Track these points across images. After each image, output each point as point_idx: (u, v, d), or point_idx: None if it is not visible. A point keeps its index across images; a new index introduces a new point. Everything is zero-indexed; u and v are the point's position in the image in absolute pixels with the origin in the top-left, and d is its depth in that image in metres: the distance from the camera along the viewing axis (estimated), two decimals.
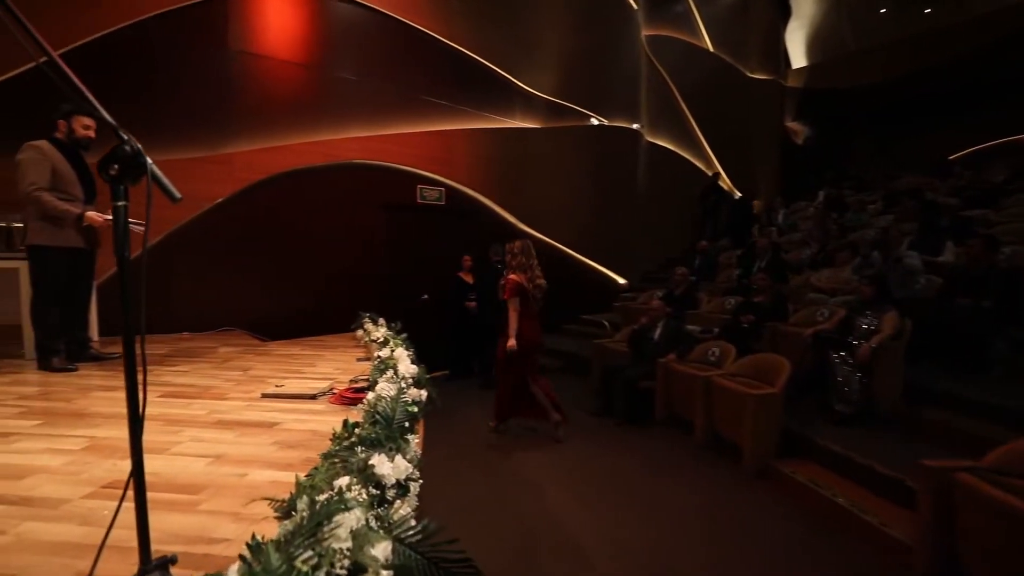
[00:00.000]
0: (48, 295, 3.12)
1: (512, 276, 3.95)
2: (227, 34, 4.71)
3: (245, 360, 3.44)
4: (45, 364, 3.13)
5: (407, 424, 1.67)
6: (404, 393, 2.04)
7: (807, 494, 3.08)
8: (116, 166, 0.87)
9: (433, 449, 3.81)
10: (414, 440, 1.61)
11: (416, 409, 1.77)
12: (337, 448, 1.43)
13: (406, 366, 2.37)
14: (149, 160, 0.89)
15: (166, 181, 0.90)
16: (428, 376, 2.54)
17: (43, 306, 3.12)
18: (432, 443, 3.88)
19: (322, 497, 1.11)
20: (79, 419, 2.25)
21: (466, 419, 4.81)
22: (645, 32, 8.87)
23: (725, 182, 10.54)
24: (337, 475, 1.28)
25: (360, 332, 3.97)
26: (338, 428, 1.71)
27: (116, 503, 1.55)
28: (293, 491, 1.22)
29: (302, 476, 1.33)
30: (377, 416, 1.63)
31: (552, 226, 7.45)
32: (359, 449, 1.32)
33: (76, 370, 3.14)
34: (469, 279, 6.04)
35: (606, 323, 6.31)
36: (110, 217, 3.22)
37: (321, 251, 5.31)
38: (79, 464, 1.77)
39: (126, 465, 1.86)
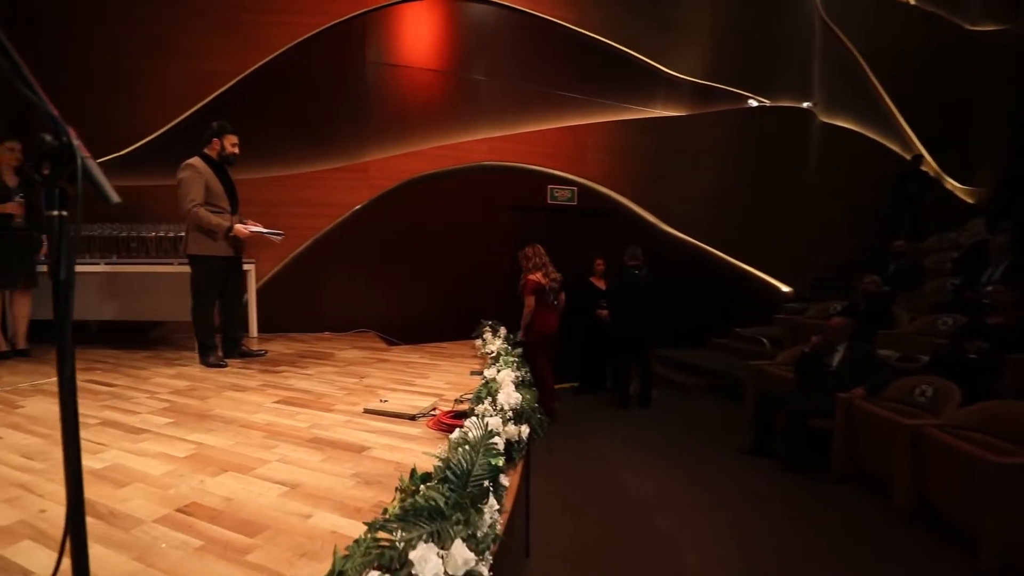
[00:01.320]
0: (205, 298, 3.44)
1: (531, 276, 4.43)
2: (365, 48, 4.90)
3: (364, 366, 3.44)
4: (204, 360, 3.44)
5: (486, 483, 1.31)
6: (494, 436, 1.69)
7: None
8: (48, 164, 0.63)
9: (548, 477, 3.44)
10: (491, 510, 1.24)
11: (500, 462, 1.40)
12: (390, 518, 1.12)
13: (508, 393, 2.02)
14: (83, 155, 0.64)
15: (103, 180, 0.65)
16: (536, 405, 2.17)
17: (201, 308, 3.45)
18: (548, 469, 3.50)
19: None
20: (201, 421, 2.32)
21: (591, 442, 4.34)
22: None
23: (930, 166, 8.42)
24: (373, 561, 0.97)
25: (479, 342, 3.77)
26: (421, 466, 1.43)
27: (180, 534, 1.47)
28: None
29: (347, 543, 1.05)
30: (449, 472, 1.30)
31: (699, 225, 6.59)
32: (398, 536, 0.98)
33: (227, 366, 3.40)
34: (602, 284, 5.55)
35: (765, 340, 5.29)
36: (254, 228, 3.43)
37: (449, 255, 5.29)
38: (175, 476, 1.75)
39: (214, 483, 1.80)
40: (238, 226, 3.39)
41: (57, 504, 1.55)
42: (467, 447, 1.43)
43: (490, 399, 1.99)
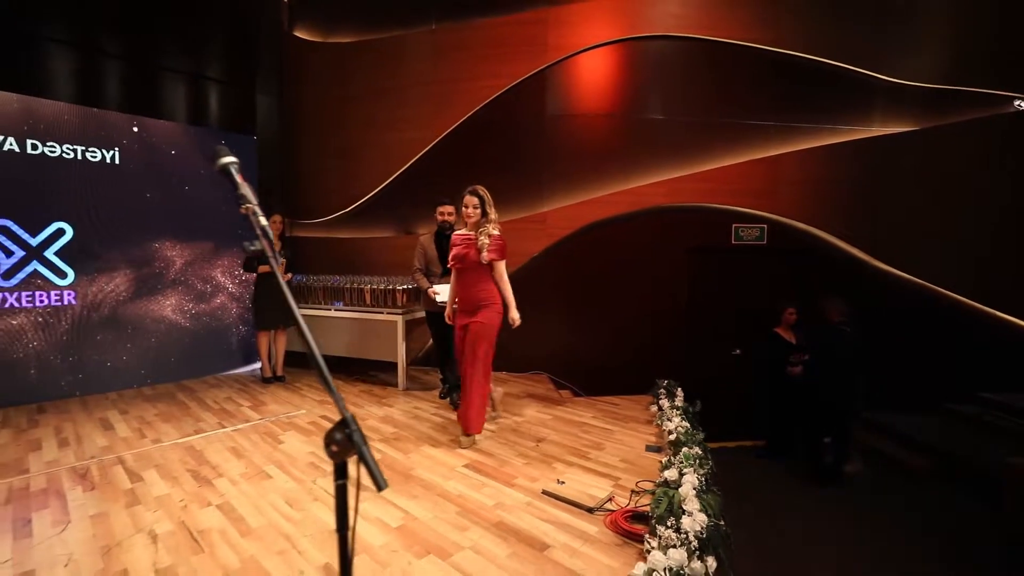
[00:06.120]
0: (435, 344, 4.32)
1: (496, 233, 3.18)
2: (544, 102, 5.12)
3: (541, 425, 3.58)
4: (444, 395, 4.29)
5: None
6: (681, 574, 1.61)
7: None
8: (334, 448, 0.82)
9: None
10: None
11: None
12: None
13: (694, 516, 1.91)
14: (360, 438, 0.81)
15: (374, 466, 0.79)
16: (722, 523, 2.02)
17: (436, 352, 4.34)
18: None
19: None
20: (405, 482, 2.67)
21: (789, 537, 3.77)
22: None
23: None
24: None
25: (654, 408, 3.64)
26: None
27: None
28: None
29: None
30: None
31: (926, 262, 5.41)
32: None
33: (444, 399, 4.21)
34: (790, 337, 4.92)
35: None
36: (435, 287, 3.91)
37: (622, 301, 5.21)
38: (389, 551, 2.03)
39: (419, 568, 2.04)
40: (430, 289, 3.98)
41: (312, 567, 1.93)
42: None
43: (673, 520, 1.90)
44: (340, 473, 0.86)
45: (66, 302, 4.37)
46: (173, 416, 3.82)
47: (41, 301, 4.26)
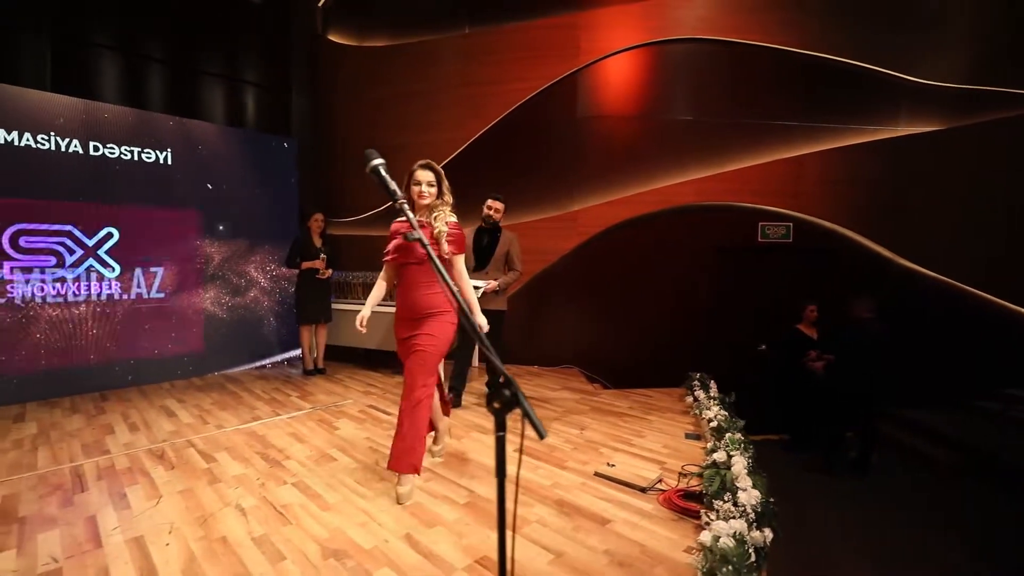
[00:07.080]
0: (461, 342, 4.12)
1: (454, 220, 2.57)
2: (575, 104, 5.27)
3: (580, 415, 3.73)
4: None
5: None
6: (745, 541, 1.76)
7: None
8: (497, 404, 0.98)
9: None
10: None
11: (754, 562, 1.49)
12: None
13: (749, 492, 2.05)
14: (522, 396, 0.97)
15: (535, 418, 0.95)
16: (775, 510, 2.16)
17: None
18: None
19: None
20: (463, 465, 2.83)
21: (812, 527, 3.88)
22: None
23: None
24: None
25: (690, 399, 3.78)
26: (670, 552, 1.59)
27: None
28: None
29: None
30: None
31: (951, 259, 5.49)
32: None
33: (459, 405, 4.01)
34: (812, 333, 5.03)
35: None
36: (485, 284, 4.00)
37: (649, 298, 5.35)
38: (464, 524, 2.20)
39: (495, 538, 2.22)
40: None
41: (394, 537, 2.10)
42: (729, 568, 1.54)
43: (729, 495, 2.05)
44: (501, 426, 1.02)
45: (116, 293, 4.60)
46: (228, 405, 4.01)
47: (96, 291, 4.49)
